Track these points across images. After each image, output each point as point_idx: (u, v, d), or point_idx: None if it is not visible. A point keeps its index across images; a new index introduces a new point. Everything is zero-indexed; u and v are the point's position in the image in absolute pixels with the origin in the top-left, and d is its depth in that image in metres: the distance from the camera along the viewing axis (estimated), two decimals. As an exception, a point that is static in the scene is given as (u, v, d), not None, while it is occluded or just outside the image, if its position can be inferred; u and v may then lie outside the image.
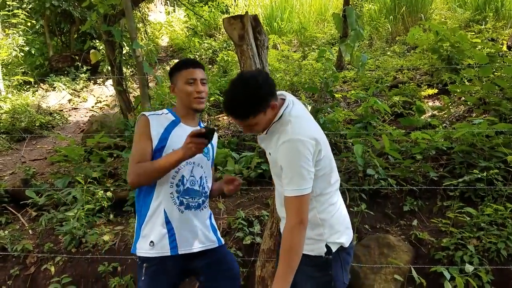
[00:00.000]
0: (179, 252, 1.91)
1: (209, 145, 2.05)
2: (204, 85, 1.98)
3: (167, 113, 2.02)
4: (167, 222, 1.91)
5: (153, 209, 1.92)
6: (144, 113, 1.98)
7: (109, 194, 3.82)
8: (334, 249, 1.72)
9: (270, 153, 1.75)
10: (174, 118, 2.00)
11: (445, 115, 4.61)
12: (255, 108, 1.62)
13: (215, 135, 2.07)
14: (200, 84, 1.96)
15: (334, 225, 1.74)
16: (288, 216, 1.63)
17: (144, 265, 1.92)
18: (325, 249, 1.71)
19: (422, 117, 4.44)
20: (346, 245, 1.77)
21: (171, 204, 1.92)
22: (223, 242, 2.11)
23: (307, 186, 1.61)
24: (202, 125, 2.13)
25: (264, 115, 1.65)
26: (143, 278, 1.91)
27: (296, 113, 1.70)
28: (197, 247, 1.96)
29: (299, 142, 1.59)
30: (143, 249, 1.92)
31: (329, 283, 1.72)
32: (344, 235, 1.77)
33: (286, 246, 1.62)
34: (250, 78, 1.63)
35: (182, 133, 1.86)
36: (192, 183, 1.97)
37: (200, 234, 1.99)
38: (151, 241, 1.90)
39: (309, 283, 1.73)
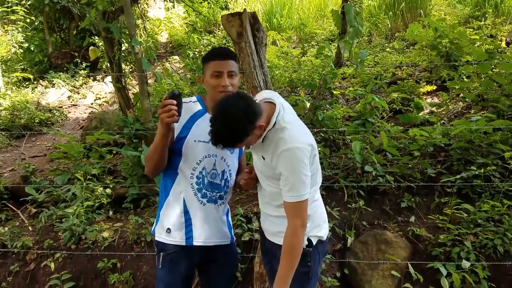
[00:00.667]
0: (194, 244, 1.93)
1: None
2: (231, 77, 1.86)
3: (195, 101, 1.99)
4: (186, 212, 1.93)
5: (172, 196, 1.95)
6: None
7: (108, 191, 3.84)
8: (314, 242, 1.82)
9: (264, 157, 1.77)
10: (201, 108, 1.96)
11: (444, 112, 4.61)
12: (239, 137, 1.63)
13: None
14: (226, 77, 1.84)
15: (315, 219, 1.84)
16: (290, 220, 1.72)
17: (161, 253, 1.95)
18: (306, 242, 1.80)
19: (421, 114, 4.44)
20: (324, 238, 1.89)
21: (191, 195, 1.93)
22: (234, 240, 2.13)
23: (306, 191, 1.70)
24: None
25: (253, 134, 1.67)
26: (160, 267, 1.96)
27: (289, 119, 1.74)
28: (212, 241, 1.97)
29: (298, 150, 1.65)
30: (160, 234, 1.96)
31: (307, 274, 1.82)
32: (323, 229, 1.88)
33: (289, 248, 1.70)
34: (229, 112, 1.59)
35: (205, 126, 1.79)
36: (213, 176, 1.96)
37: (217, 229, 1.99)
38: (168, 228, 1.94)
39: None
